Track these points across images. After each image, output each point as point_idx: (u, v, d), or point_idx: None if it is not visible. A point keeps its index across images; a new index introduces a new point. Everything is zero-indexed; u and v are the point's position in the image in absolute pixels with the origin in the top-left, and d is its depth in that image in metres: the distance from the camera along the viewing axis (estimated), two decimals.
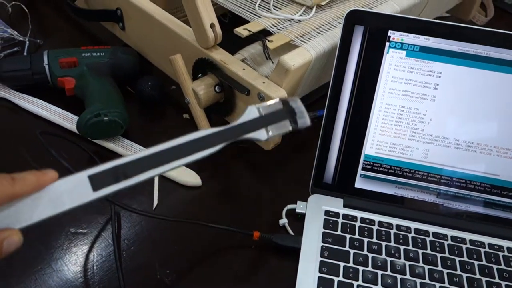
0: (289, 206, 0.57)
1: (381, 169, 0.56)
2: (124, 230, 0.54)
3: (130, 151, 0.63)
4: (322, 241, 0.52)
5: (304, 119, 0.44)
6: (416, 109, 0.54)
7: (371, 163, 0.56)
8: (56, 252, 0.52)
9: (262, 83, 0.56)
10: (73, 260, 0.51)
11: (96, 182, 0.33)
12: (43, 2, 0.89)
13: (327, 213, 0.55)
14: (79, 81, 0.68)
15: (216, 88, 0.61)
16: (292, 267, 0.50)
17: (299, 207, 0.57)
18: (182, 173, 0.61)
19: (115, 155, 0.62)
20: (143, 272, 0.50)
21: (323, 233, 0.53)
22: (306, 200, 0.56)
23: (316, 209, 0.56)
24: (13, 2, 0.84)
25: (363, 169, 0.56)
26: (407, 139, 0.54)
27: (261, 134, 0.40)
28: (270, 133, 0.40)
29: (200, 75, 0.62)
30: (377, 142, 0.55)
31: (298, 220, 0.56)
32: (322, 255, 0.51)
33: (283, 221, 0.56)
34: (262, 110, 0.41)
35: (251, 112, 0.40)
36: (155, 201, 0.58)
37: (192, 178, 0.60)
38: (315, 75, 0.61)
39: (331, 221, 0.54)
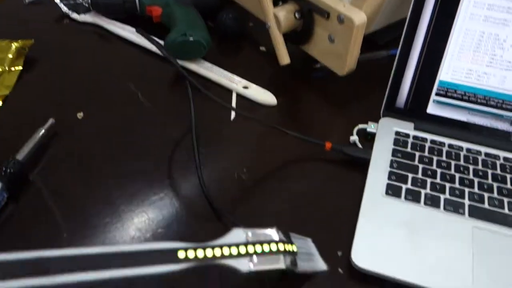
0: (360, 126, 0.59)
1: (455, 95, 0.57)
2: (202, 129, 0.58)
3: (212, 72, 0.67)
4: (392, 155, 0.54)
5: (313, 263, 0.39)
6: (496, 35, 0.54)
7: (445, 89, 0.57)
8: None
9: (343, 6, 0.58)
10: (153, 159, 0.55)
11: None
12: None
13: (397, 133, 0.57)
14: (166, 9, 0.72)
15: (296, 14, 0.63)
16: (360, 178, 0.52)
17: (370, 127, 0.58)
18: (259, 92, 0.64)
19: (197, 76, 0.67)
20: (222, 169, 0.54)
21: (393, 149, 0.55)
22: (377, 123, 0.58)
23: (386, 129, 0.57)
24: None
25: (436, 94, 0.57)
26: (484, 66, 0.55)
27: (241, 264, 0.32)
28: (252, 266, 0.32)
29: (280, 2, 0.65)
30: (453, 68, 0.56)
31: (368, 140, 0.58)
32: (391, 166, 0.52)
33: (354, 137, 0.58)
34: (251, 236, 0.34)
35: (237, 235, 0.33)
36: (232, 114, 0.62)
37: (268, 97, 0.64)
38: (395, 3, 0.62)
39: (401, 140, 0.56)
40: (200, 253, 0.32)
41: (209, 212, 0.49)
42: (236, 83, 0.65)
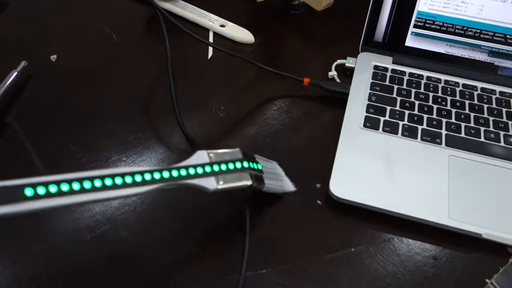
0: (339, 61, 0.59)
1: (433, 26, 0.56)
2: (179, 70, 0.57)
3: (187, 11, 0.65)
4: (370, 89, 0.54)
5: (280, 183, 0.42)
6: None
7: (424, 20, 0.56)
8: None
9: None
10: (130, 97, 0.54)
11: None
12: None
13: (376, 67, 0.56)
14: None
15: None
16: (339, 112, 0.52)
17: (349, 62, 0.58)
18: (236, 30, 0.62)
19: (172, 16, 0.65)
20: (200, 107, 0.53)
21: (371, 83, 0.54)
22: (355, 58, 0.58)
23: (365, 64, 0.57)
24: None
25: (415, 26, 0.56)
26: None
27: (209, 182, 0.34)
28: (220, 184, 0.34)
29: None
30: None
31: (346, 76, 0.58)
32: (369, 100, 0.52)
33: (332, 73, 0.57)
34: (214, 157, 0.35)
35: (200, 156, 0.35)
36: (210, 52, 0.60)
37: (245, 35, 0.62)
38: None
39: (379, 74, 0.55)
40: (165, 174, 0.32)
41: (187, 149, 0.49)
42: (212, 22, 0.64)
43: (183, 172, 0.34)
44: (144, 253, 0.41)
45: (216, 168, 0.35)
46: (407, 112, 0.51)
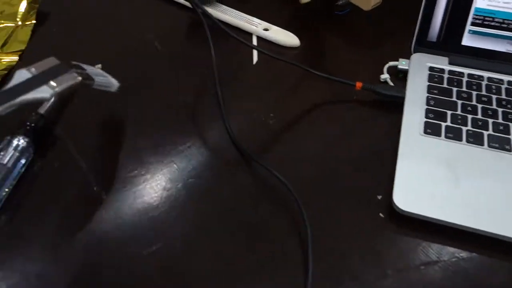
0: (391, 63, 0.56)
1: (492, 23, 0.53)
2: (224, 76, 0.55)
3: (229, 16, 0.63)
4: (428, 92, 0.51)
5: (107, 79, 0.45)
6: None
7: (482, 17, 0.53)
8: None
9: None
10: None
11: None
12: None
13: (431, 69, 0.53)
14: None
15: None
16: (394, 117, 0.50)
17: (401, 63, 0.55)
18: (280, 33, 0.60)
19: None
20: (248, 115, 0.52)
21: (428, 85, 0.52)
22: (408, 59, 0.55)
23: (419, 65, 0.54)
24: None
25: (472, 24, 0.53)
26: None
27: (44, 91, 0.37)
28: (56, 88, 0.37)
29: None
30: None
31: (399, 78, 0.55)
32: (428, 104, 0.50)
33: (385, 76, 0.55)
34: (35, 70, 0.38)
35: (21, 75, 0.37)
36: (255, 57, 0.59)
37: (290, 38, 0.60)
38: None
39: (436, 76, 0.52)
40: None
41: (238, 159, 0.47)
42: (256, 26, 0.62)
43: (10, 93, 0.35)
44: (201, 270, 0.39)
45: (43, 78, 0.37)
46: (470, 116, 0.48)
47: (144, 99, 0.54)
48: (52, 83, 0.37)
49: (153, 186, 0.45)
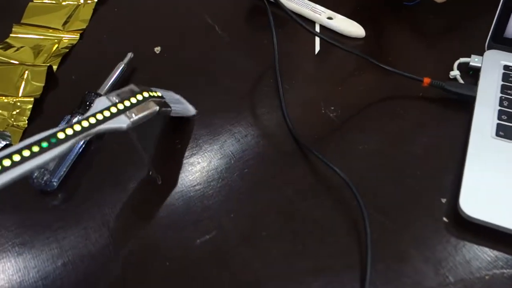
0: (462, 59, 0.53)
1: None
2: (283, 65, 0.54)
3: (292, 2, 0.61)
4: (501, 92, 0.48)
5: (184, 106, 0.45)
6: None
7: None
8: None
9: None
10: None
11: None
12: None
13: (507, 67, 0.50)
14: None
15: None
16: (463, 117, 0.47)
17: (474, 60, 0.52)
18: (345, 23, 0.58)
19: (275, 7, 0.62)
20: (308, 106, 0.50)
21: (502, 85, 0.48)
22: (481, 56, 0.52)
23: (493, 63, 0.51)
24: None
25: None
26: None
27: (121, 121, 0.36)
28: (132, 118, 0.36)
29: None
30: None
31: (470, 76, 0.52)
32: (501, 105, 0.47)
33: (455, 72, 0.52)
34: (115, 98, 0.37)
35: (102, 102, 0.36)
36: (317, 48, 0.57)
37: (355, 28, 0.58)
38: None
39: (511, 75, 0.49)
40: (77, 128, 0.34)
41: (296, 151, 0.46)
42: (319, 14, 0.60)
43: (92, 121, 0.35)
44: (253, 263, 0.38)
45: (121, 106, 0.36)
46: None
47: (202, 85, 0.53)
48: (130, 113, 0.37)
49: (210, 175, 0.45)
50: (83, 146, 0.47)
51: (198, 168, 0.45)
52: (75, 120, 0.46)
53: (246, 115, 0.50)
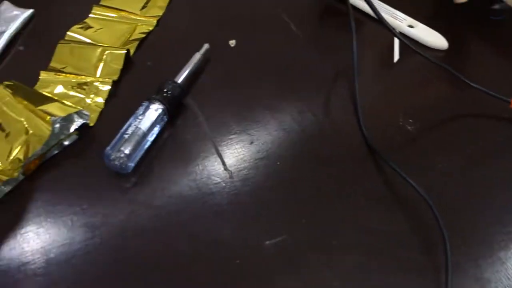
0: None
1: None
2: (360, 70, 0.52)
3: None
4: None
5: None
6: None
7: None
8: None
9: None
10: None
11: None
12: None
13: None
14: None
15: None
16: None
17: None
18: (427, 32, 0.57)
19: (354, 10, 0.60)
20: (384, 116, 0.49)
21: None
22: None
23: None
24: None
25: None
26: None
27: None
28: None
29: None
30: None
31: None
32: None
33: None
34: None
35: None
36: (395, 56, 0.55)
37: (437, 39, 0.56)
38: None
39: None
40: None
41: (370, 160, 0.45)
42: (400, 21, 0.58)
43: None
44: (324, 271, 0.38)
45: None
46: None
47: (274, 83, 0.53)
48: None
49: (279, 176, 0.44)
50: (158, 133, 0.47)
51: (270, 170, 0.45)
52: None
53: (319, 118, 0.49)
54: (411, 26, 0.58)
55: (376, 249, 0.39)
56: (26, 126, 0.45)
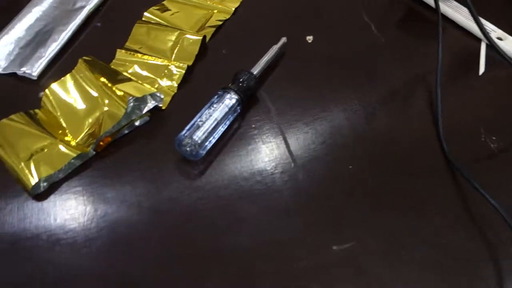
0: None
1: None
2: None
3: (460, 14, 0.57)
4: None
5: None
6: None
7: None
8: None
9: None
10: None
11: None
12: None
13: None
14: None
15: None
16: None
17: None
18: None
19: None
20: (466, 130, 0.46)
21: None
22: None
23: None
24: None
25: None
26: None
27: None
28: None
29: None
30: None
31: None
32: None
33: None
34: None
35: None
36: (481, 68, 0.52)
37: None
38: None
39: None
40: None
41: (447, 174, 0.43)
42: (489, 31, 0.55)
43: None
44: (393, 283, 0.36)
45: None
46: None
47: (353, 86, 0.51)
48: None
49: (351, 180, 0.43)
50: (228, 123, 0.46)
51: (342, 173, 0.43)
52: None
53: (395, 125, 0.47)
54: (500, 39, 0.55)
55: (451, 268, 0.37)
56: (101, 102, 0.45)
